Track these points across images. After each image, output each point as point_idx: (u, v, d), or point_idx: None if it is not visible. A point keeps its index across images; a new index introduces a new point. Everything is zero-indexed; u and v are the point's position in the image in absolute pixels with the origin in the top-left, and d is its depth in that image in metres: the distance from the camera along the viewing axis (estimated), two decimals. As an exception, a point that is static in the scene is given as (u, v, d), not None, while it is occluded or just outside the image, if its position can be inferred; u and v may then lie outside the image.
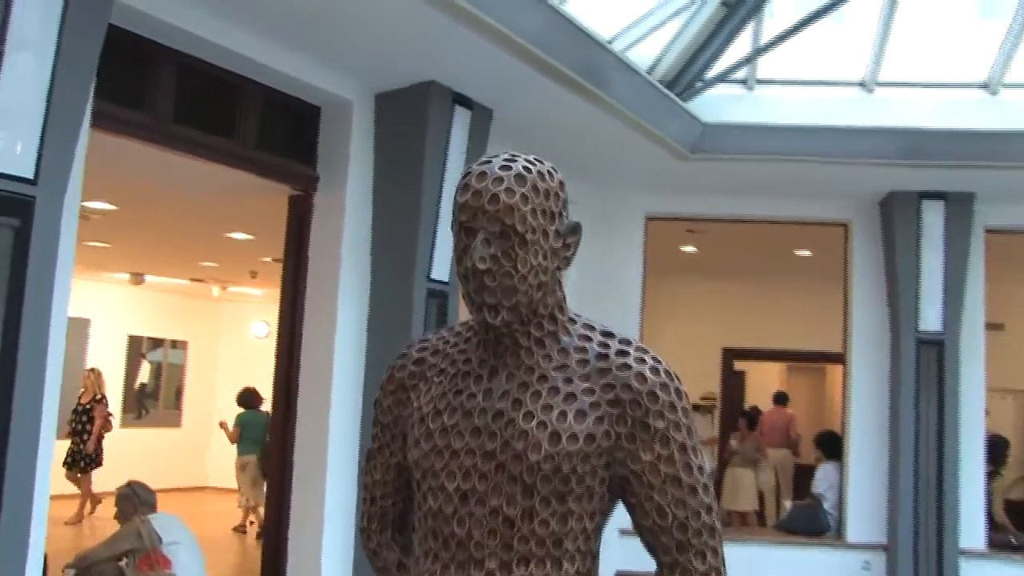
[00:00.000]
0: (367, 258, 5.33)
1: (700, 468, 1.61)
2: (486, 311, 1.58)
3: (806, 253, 10.00)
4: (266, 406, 10.90)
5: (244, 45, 4.55)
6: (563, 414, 1.58)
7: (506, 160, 1.61)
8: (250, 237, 9.19)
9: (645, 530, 1.62)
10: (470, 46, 4.67)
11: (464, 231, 1.60)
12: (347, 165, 5.25)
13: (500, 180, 1.57)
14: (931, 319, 6.94)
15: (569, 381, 1.62)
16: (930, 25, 7.32)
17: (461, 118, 5.42)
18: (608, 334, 1.67)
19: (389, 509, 1.84)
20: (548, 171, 1.64)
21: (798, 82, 7.04)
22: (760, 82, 7.03)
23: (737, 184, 7.27)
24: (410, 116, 5.27)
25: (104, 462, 11.56)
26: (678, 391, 1.62)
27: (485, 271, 1.56)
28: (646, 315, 7.69)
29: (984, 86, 6.81)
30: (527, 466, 1.56)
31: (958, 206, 6.98)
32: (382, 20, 4.45)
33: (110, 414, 11.91)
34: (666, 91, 6.08)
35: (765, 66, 6.92)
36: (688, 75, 6.43)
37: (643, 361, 1.62)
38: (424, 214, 5.21)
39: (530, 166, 1.61)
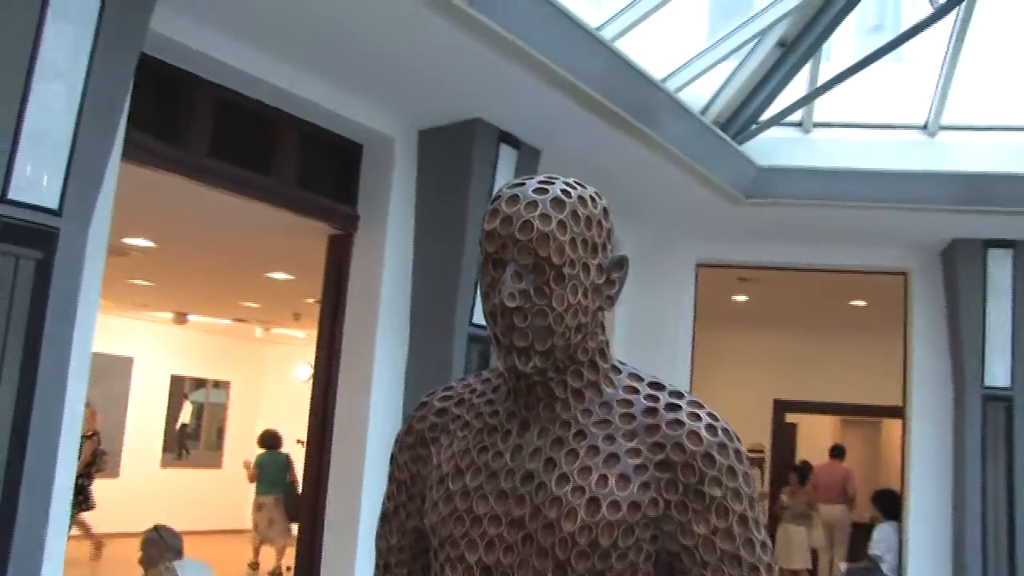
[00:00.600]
0: (407, 301, 5.15)
1: (764, 545, 1.39)
2: (516, 356, 1.38)
3: (861, 303, 9.68)
4: (287, 448, 10.96)
5: (284, 79, 4.43)
6: (603, 478, 1.37)
7: (541, 183, 1.42)
8: (291, 277, 9.09)
9: None
10: (518, 83, 4.50)
11: (492, 263, 1.41)
12: (388, 204, 5.09)
13: (534, 205, 1.38)
14: (998, 374, 6.58)
15: (611, 439, 1.41)
16: (996, 66, 7.05)
17: (507, 157, 5.25)
18: (657, 385, 1.47)
19: None
20: (591, 196, 1.44)
21: (856, 125, 6.79)
22: (817, 125, 6.79)
23: (792, 231, 7.00)
24: (454, 155, 5.11)
25: (96, 504, 10.73)
26: (738, 453, 1.39)
27: (515, 309, 1.36)
28: (695, 365, 7.42)
29: (1053, 130, 6.51)
30: (560, 538, 1.35)
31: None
32: (427, 56, 4.31)
33: (103, 452, 11.16)
34: (720, 133, 5.87)
35: (822, 108, 6.69)
36: (742, 117, 6.22)
37: (697, 417, 1.40)
38: (467, 256, 5.02)
39: (569, 189, 1.41)
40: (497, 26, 3.99)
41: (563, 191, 1.40)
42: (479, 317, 5.12)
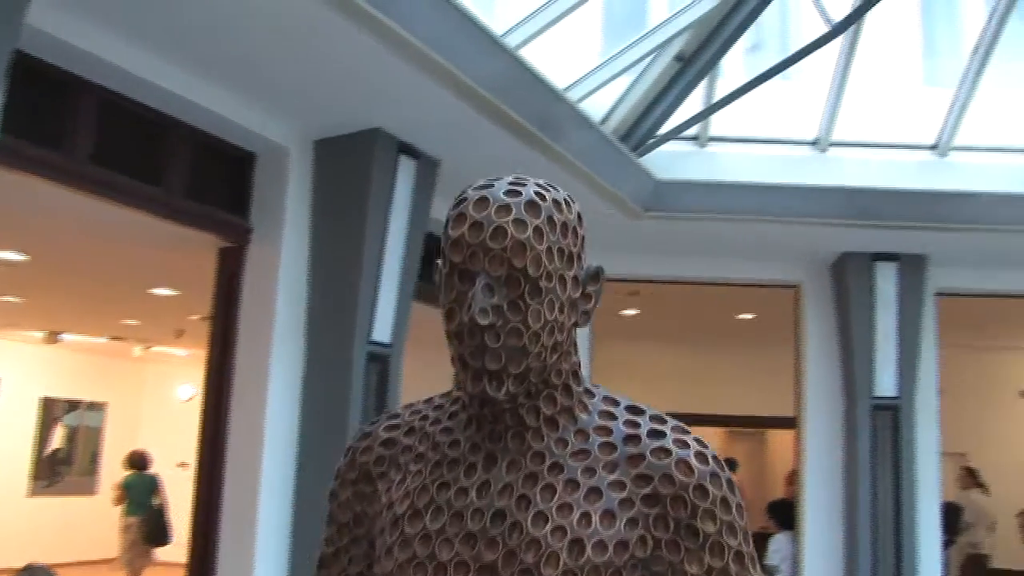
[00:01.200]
0: (303, 316, 4.93)
1: None
2: (487, 381, 1.22)
3: (748, 316, 9.85)
4: (167, 470, 10.60)
5: (174, 82, 4.18)
6: (586, 516, 1.22)
7: (512, 184, 1.26)
8: (175, 293, 8.69)
9: None
10: (420, 91, 4.37)
11: (458, 275, 1.25)
12: (283, 216, 4.87)
13: (507, 209, 1.23)
14: (886, 384, 6.75)
15: (591, 472, 1.26)
16: (880, 87, 7.27)
17: (406, 168, 5.10)
18: (635, 409, 1.33)
19: None
20: (565, 200, 1.30)
21: (750, 140, 6.89)
22: (712, 139, 6.86)
23: (687, 244, 7.06)
24: (352, 165, 4.94)
25: None
26: (730, 483, 1.27)
27: (487, 328, 1.21)
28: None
29: (933, 147, 6.73)
30: None
31: (911, 268, 6.86)
32: (325, 61, 4.14)
33: None
34: (620, 146, 5.85)
35: (718, 123, 6.77)
36: (641, 130, 6.23)
37: (685, 445, 1.27)
38: (366, 270, 4.85)
39: (543, 192, 1.27)
40: (400, 28, 3.85)
41: (537, 193, 1.26)
42: (379, 333, 4.95)
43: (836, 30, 5.03)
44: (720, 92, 6.41)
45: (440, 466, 1.32)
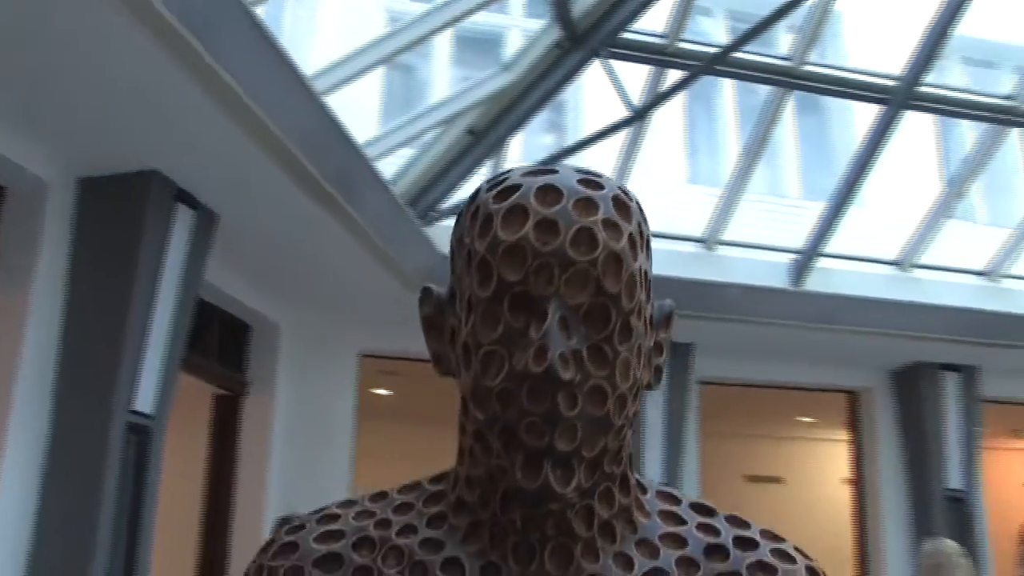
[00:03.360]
0: (51, 377, 4.22)
1: None
2: (549, 469, 0.81)
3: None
4: None
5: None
6: None
7: (581, 172, 0.88)
8: None
9: None
10: (212, 131, 3.95)
11: (509, 302, 0.83)
12: (35, 260, 4.18)
13: (591, 205, 0.84)
14: (653, 473, 6.83)
15: None
16: (649, 182, 7.53)
17: (183, 219, 4.58)
18: (703, 508, 0.96)
19: None
20: (638, 201, 0.91)
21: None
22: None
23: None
24: (122, 210, 4.36)
25: None
26: None
27: (564, 385, 0.80)
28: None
29: (702, 241, 7.02)
30: None
31: (678, 357, 7.05)
32: (104, 81, 3.62)
33: None
34: (410, 213, 5.61)
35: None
36: (425, 201, 6.03)
37: (788, 558, 0.92)
38: (131, 329, 4.26)
39: (624, 189, 0.89)
40: (207, 55, 3.41)
41: (620, 188, 0.88)
42: (141, 403, 4.34)
43: (638, 114, 5.11)
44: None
45: None
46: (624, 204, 0.86)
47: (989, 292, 7.45)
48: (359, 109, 6.78)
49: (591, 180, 0.87)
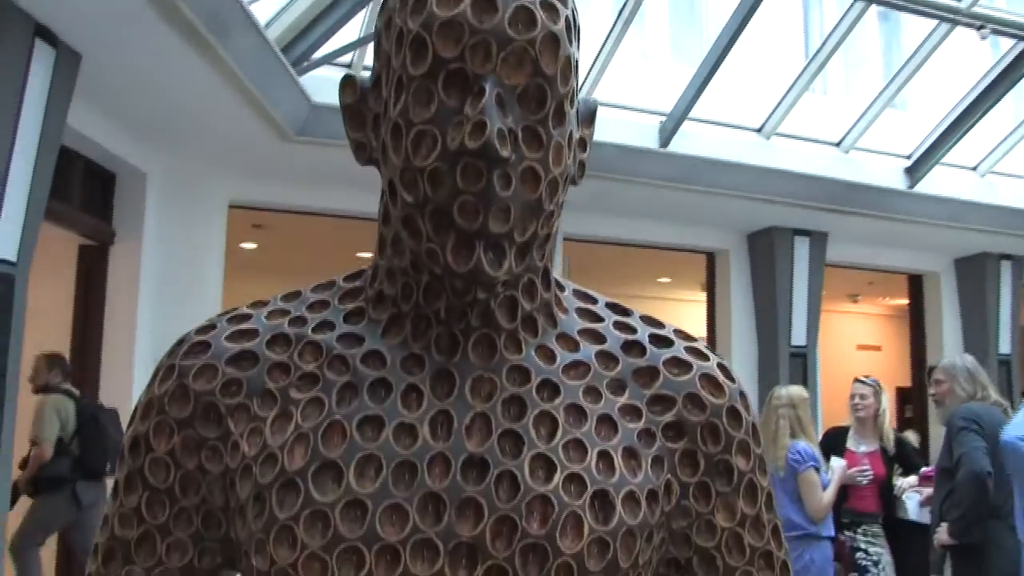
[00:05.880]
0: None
1: (778, 528, 0.96)
2: (481, 251, 0.80)
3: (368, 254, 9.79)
4: None
5: None
6: (605, 457, 0.85)
7: None
8: None
9: None
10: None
11: (443, 81, 0.80)
12: None
13: None
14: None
15: (595, 394, 0.88)
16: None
17: (43, 57, 4.34)
18: (619, 307, 0.97)
19: None
20: None
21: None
22: (366, 69, 6.66)
23: (336, 175, 6.79)
24: (-26, 42, 4.10)
25: None
26: (748, 404, 0.96)
27: (500, 163, 0.78)
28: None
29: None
30: (557, 567, 0.79)
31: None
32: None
33: None
34: (284, 59, 5.45)
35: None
36: (300, 47, 5.86)
37: (701, 355, 0.94)
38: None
39: None
40: None
41: None
42: (3, 250, 4.21)
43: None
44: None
45: (355, 391, 0.85)
46: None
47: (841, 162, 7.83)
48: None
49: None
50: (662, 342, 0.93)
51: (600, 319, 0.94)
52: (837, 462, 4.91)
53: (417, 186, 0.81)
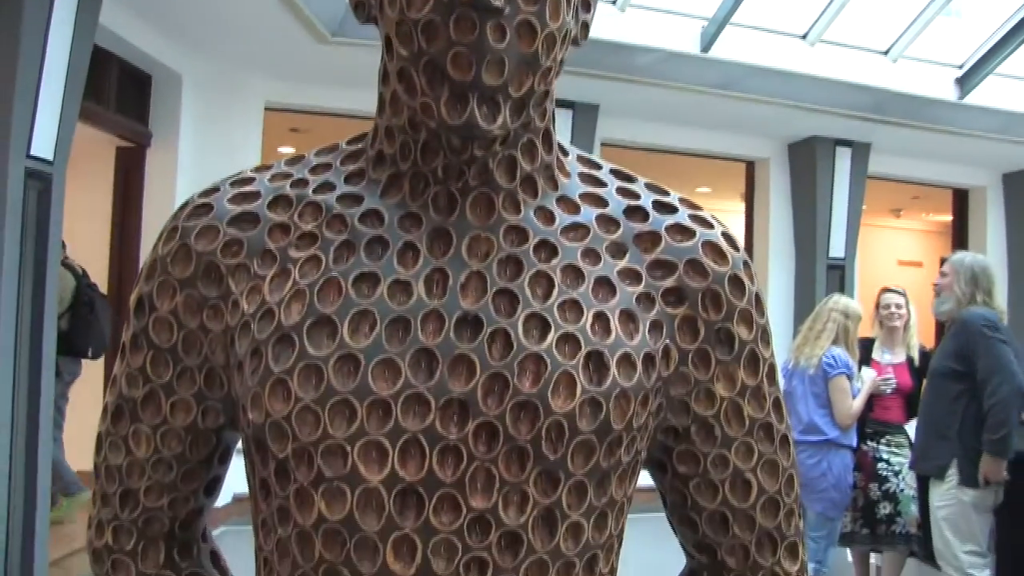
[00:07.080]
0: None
1: (781, 403, 0.95)
2: (475, 104, 0.79)
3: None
4: None
5: None
6: (600, 318, 0.84)
7: None
8: None
9: (699, 519, 0.93)
10: None
11: None
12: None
13: None
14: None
15: (593, 256, 0.88)
16: None
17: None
18: (624, 174, 0.96)
19: (160, 515, 0.94)
20: None
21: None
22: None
23: (372, 78, 6.73)
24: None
25: None
26: (753, 274, 0.93)
27: (493, 13, 0.77)
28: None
29: (612, 1, 6.93)
30: (548, 426, 0.80)
31: (583, 117, 7.12)
32: None
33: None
34: (318, -42, 5.38)
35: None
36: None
37: (705, 223, 0.92)
38: (23, 69, 4.09)
39: None
40: None
41: None
42: (39, 148, 4.24)
43: None
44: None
45: (352, 249, 0.86)
46: None
47: (888, 70, 7.61)
48: None
49: None
50: (666, 208, 0.92)
51: (603, 184, 0.93)
52: (868, 372, 4.90)
53: (412, 39, 0.79)
